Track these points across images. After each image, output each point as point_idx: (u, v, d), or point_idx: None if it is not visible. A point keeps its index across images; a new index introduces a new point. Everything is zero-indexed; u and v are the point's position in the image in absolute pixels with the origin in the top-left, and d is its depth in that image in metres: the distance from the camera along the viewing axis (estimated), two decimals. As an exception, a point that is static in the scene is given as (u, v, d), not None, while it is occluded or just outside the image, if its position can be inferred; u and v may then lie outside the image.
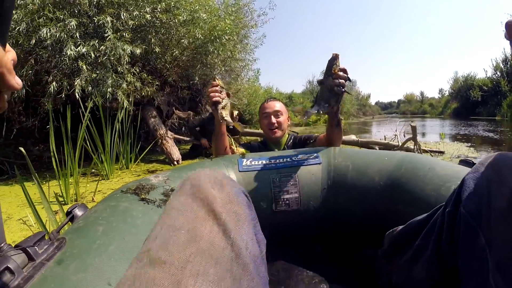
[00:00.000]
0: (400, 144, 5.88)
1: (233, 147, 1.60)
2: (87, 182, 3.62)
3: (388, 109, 73.22)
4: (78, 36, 4.22)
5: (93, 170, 4.27)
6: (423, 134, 10.31)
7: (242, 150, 1.65)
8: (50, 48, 4.25)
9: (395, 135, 6.86)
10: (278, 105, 1.82)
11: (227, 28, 6.27)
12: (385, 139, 7.04)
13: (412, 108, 49.71)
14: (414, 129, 5.33)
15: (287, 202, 1.19)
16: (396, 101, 78.51)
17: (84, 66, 4.22)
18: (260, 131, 6.22)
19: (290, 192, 1.19)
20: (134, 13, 4.84)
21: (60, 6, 4.41)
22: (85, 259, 0.61)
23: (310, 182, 1.21)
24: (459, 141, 8.00)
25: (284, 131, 1.82)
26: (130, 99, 5.04)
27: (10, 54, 0.40)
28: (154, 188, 0.97)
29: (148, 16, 4.99)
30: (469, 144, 7.44)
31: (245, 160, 1.26)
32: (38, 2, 4.18)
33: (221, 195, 0.53)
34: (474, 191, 0.64)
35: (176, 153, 5.43)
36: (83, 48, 4.18)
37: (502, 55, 23.84)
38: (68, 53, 4.06)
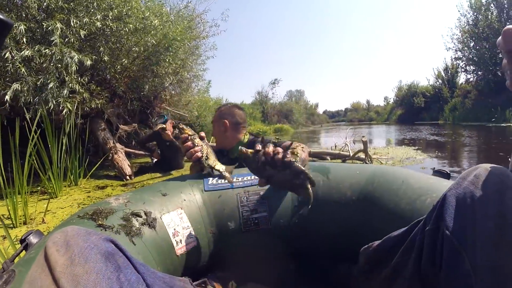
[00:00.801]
0: (351, 154, 6.15)
1: None
2: (35, 201, 3.29)
3: (336, 117, 76.23)
4: (25, 41, 3.87)
5: (39, 188, 3.90)
6: (370, 141, 10.78)
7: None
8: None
9: (346, 144, 7.18)
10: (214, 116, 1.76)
11: (178, 32, 6.18)
12: (335, 147, 7.30)
13: (359, 116, 52.42)
14: (365, 143, 5.62)
15: (256, 221, 1.15)
16: (343, 110, 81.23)
17: (23, 69, 3.85)
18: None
19: (259, 211, 1.16)
20: (84, 20, 4.57)
21: (7, 9, 4.03)
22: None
23: (279, 200, 1.17)
24: (406, 145, 8.53)
25: (221, 142, 1.72)
26: (78, 111, 4.73)
27: None
28: (113, 212, 0.93)
29: (98, 23, 4.74)
30: (416, 147, 7.94)
31: (211, 179, 1.22)
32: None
33: (62, 259, 0.49)
34: (457, 209, 0.61)
35: (127, 168, 5.17)
36: (27, 51, 3.83)
37: (443, 64, 26.14)
38: (6, 57, 3.69)
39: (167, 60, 6.21)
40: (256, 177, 1.09)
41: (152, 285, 0.60)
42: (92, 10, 4.76)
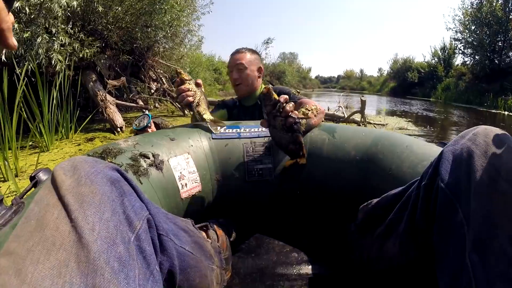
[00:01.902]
0: (346, 116, 6.20)
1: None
2: (26, 155, 3.32)
3: (328, 84, 75.38)
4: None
5: (31, 143, 3.91)
6: (357, 107, 10.83)
7: (221, 112, 1.67)
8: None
9: (339, 106, 7.23)
10: (243, 57, 1.64)
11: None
12: (328, 110, 7.37)
13: (351, 84, 51.79)
14: (363, 103, 5.64)
15: (260, 172, 1.17)
16: (336, 76, 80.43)
17: (16, 25, 3.71)
18: None
19: (263, 162, 1.18)
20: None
21: None
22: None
23: (284, 154, 1.14)
24: (398, 116, 8.66)
25: (250, 86, 1.66)
26: (68, 62, 4.61)
27: (10, 17, 0.46)
28: (121, 152, 0.94)
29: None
30: (408, 119, 8.08)
31: (219, 127, 1.22)
32: None
33: (69, 180, 0.51)
34: (453, 164, 0.62)
35: (119, 119, 5.13)
36: (16, 3, 3.66)
37: (441, 43, 25.67)
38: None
39: (162, 9, 5.96)
40: (263, 130, 1.20)
41: (155, 214, 0.61)
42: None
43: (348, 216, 1.06)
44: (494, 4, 18.89)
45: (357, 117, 6.17)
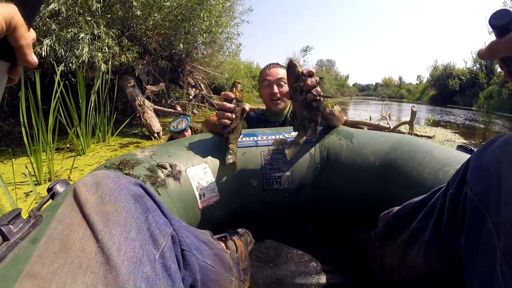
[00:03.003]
0: (391, 127, 5.80)
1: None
2: (62, 159, 3.29)
3: (366, 91, 74.38)
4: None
5: (68, 145, 3.92)
6: (399, 117, 10.11)
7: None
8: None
9: (383, 116, 6.80)
10: (281, 72, 1.61)
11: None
12: (370, 119, 6.96)
13: (389, 92, 50.48)
14: (413, 113, 5.26)
15: (278, 180, 1.16)
16: (374, 84, 79.24)
17: (54, 25, 3.74)
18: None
19: (282, 170, 1.17)
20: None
21: None
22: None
23: (303, 161, 1.18)
24: (442, 127, 8.08)
25: (286, 102, 1.66)
26: (109, 66, 4.65)
27: (32, 34, 0.47)
28: (139, 163, 0.95)
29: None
30: (453, 130, 7.54)
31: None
32: None
33: (92, 197, 0.50)
34: (482, 172, 0.59)
35: (156, 125, 5.14)
36: (53, 4, 3.69)
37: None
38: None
39: (201, 16, 5.91)
40: (281, 137, 1.21)
41: (178, 230, 0.61)
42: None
43: (368, 224, 1.04)
44: None
45: (403, 128, 5.74)
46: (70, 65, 4.11)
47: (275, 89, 1.60)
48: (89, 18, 4.20)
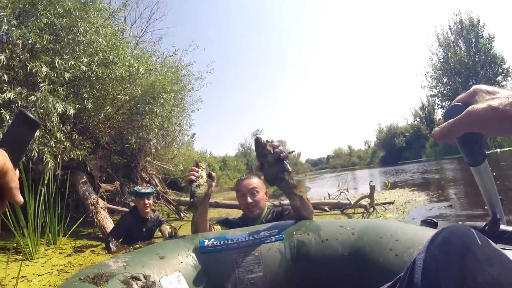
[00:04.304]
0: (351, 202, 5.81)
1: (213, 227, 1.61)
2: (7, 263, 2.67)
3: (318, 165, 76.86)
4: (6, 78, 3.47)
5: (14, 245, 3.27)
6: (355, 188, 10.01)
7: (218, 227, 1.70)
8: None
9: (341, 192, 6.82)
10: (254, 182, 1.80)
11: (166, 84, 5.94)
12: (329, 197, 6.93)
13: (341, 162, 52.61)
14: (372, 188, 5.37)
15: (252, 281, 1.16)
16: (326, 157, 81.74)
17: (8, 116, 3.41)
18: (234, 202, 6.29)
19: (254, 271, 1.18)
20: (70, 63, 4.27)
21: None
22: None
23: (274, 259, 1.20)
24: (400, 187, 8.21)
25: (262, 208, 1.80)
26: (58, 161, 4.24)
27: (17, 172, 0.51)
28: (113, 275, 0.93)
29: (84, 67, 4.45)
30: (410, 188, 7.69)
31: (206, 240, 1.25)
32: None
33: None
34: (424, 272, 0.65)
35: (110, 226, 4.62)
36: (9, 93, 3.42)
37: (420, 103, 27.14)
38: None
39: (154, 111, 5.88)
40: (251, 238, 1.25)
41: None
42: (78, 53, 4.49)
43: None
44: (458, 52, 20.49)
45: (364, 201, 5.79)
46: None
47: (249, 199, 1.75)
48: (41, 111, 3.92)
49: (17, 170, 0.51)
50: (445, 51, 22.12)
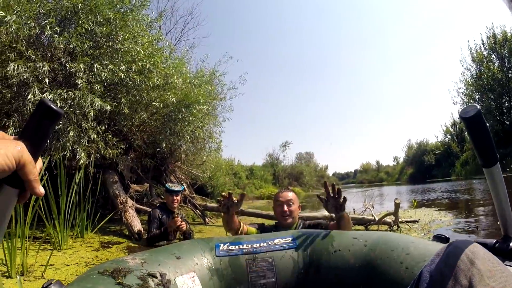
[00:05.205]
0: (376, 219, 5.69)
1: (243, 225, 1.97)
2: (37, 250, 2.88)
3: (346, 179, 75.59)
4: (47, 82, 3.77)
5: (43, 235, 3.50)
6: (381, 203, 9.99)
7: (252, 229, 2.03)
8: (15, 89, 3.74)
9: (366, 207, 6.68)
10: (291, 195, 2.09)
11: (200, 96, 6.13)
12: (354, 212, 6.81)
13: (369, 177, 51.26)
14: (397, 205, 5.27)
15: (264, 287, 1.20)
16: (353, 171, 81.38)
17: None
18: (259, 211, 7.14)
19: (267, 277, 1.21)
20: (109, 67, 4.55)
21: (34, 46, 4.00)
22: None
23: (287, 267, 1.23)
24: (426, 207, 8.01)
25: (295, 218, 2.05)
26: (91, 159, 4.49)
27: (38, 164, 0.51)
28: (130, 271, 0.98)
29: (122, 74, 4.71)
30: (437, 208, 7.48)
31: (222, 244, 1.29)
32: (13, 34, 3.75)
33: None
34: (429, 284, 0.67)
35: (137, 225, 4.81)
36: (49, 94, 3.70)
37: (450, 119, 26.02)
38: (29, 98, 3.57)
39: (186, 119, 6.10)
40: (265, 244, 1.30)
41: None
42: (117, 60, 4.76)
43: None
44: (492, 68, 19.44)
45: (388, 218, 5.68)
46: (54, 156, 3.95)
47: (285, 208, 2.02)
48: (78, 111, 4.19)
49: (39, 162, 0.51)
50: (478, 66, 21.12)
